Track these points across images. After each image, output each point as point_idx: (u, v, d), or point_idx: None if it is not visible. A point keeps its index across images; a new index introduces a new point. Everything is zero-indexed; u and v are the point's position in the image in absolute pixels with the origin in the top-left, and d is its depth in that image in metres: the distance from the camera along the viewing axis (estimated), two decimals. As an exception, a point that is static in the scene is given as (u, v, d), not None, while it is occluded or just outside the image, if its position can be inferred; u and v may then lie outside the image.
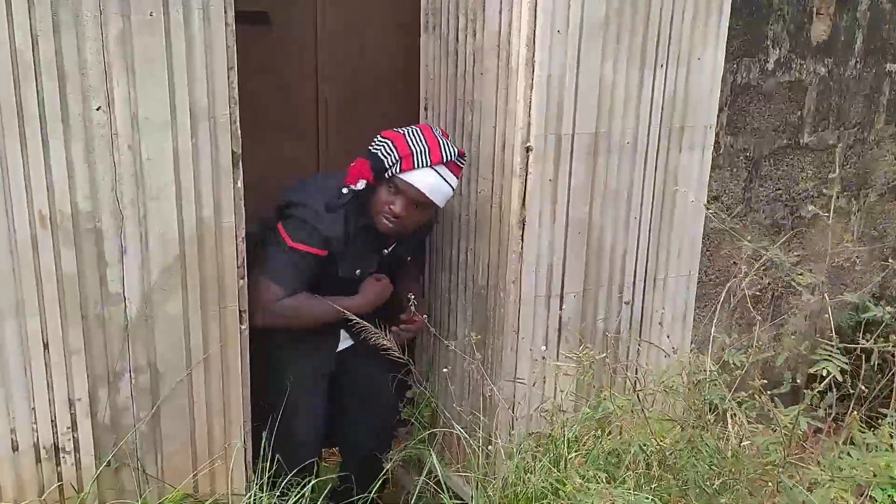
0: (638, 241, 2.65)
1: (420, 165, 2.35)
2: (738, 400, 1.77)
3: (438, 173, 2.38)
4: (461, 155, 2.42)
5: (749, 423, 1.98)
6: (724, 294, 2.41)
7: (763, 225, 3.44)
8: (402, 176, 2.36)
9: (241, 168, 2.17)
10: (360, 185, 2.38)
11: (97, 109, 1.94)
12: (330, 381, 2.68)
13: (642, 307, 2.74)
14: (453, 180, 2.41)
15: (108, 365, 2.11)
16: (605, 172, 2.50)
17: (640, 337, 2.76)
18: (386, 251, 2.60)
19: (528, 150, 2.38)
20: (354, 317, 2.32)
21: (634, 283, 2.69)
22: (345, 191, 2.39)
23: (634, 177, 2.57)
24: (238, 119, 2.13)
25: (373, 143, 2.42)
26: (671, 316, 2.80)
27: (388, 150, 2.36)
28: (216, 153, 2.10)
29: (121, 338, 2.10)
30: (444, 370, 2.72)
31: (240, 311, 2.25)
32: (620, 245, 2.62)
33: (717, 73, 2.61)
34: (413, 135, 2.39)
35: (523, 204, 2.43)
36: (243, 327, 2.27)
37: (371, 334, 2.22)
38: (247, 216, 2.24)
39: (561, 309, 2.58)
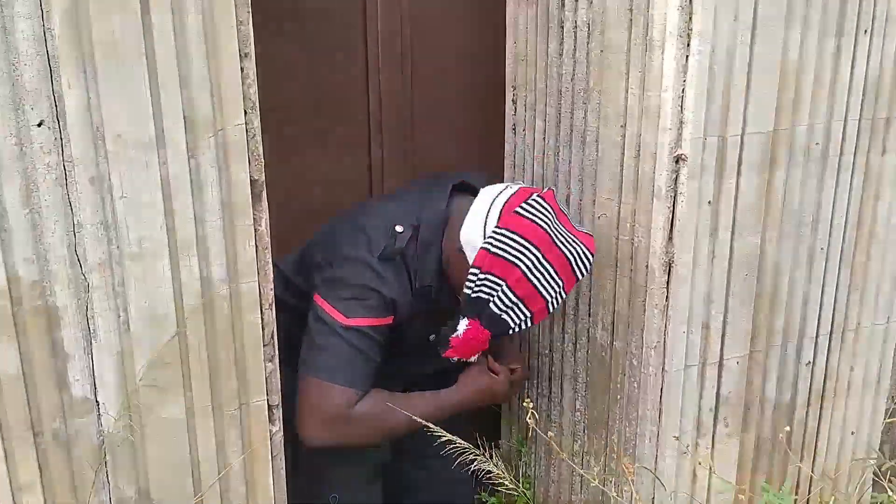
0: (824, 280, 1.88)
1: (555, 308, 1.65)
2: None
3: None
4: (592, 254, 1.68)
5: None
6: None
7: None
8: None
9: (265, 203, 1.47)
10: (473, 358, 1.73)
11: (39, 126, 1.25)
12: (386, 471, 1.98)
13: (826, 370, 1.98)
14: None
15: (77, 502, 1.43)
16: (783, 188, 1.75)
17: (820, 409, 2.00)
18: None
19: (678, 160, 1.64)
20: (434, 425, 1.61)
21: (817, 338, 1.93)
22: (399, 229, 1.68)
23: (823, 192, 1.80)
24: (259, 131, 1.43)
25: (475, 286, 1.62)
26: (861, 380, 2.03)
27: (510, 304, 1.61)
28: (227, 183, 1.40)
29: (94, 461, 1.42)
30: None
31: (269, 407, 1.56)
32: (801, 287, 1.86)
33: (935, 40, 1.83)
34: (538, 269, 1.61)
35: (670, 238, 1.69)
36: (275, 430, 1.58)
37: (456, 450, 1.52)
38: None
39: (719, 381, 1.83)
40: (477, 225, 1.63)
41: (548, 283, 1.61)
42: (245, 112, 1.39)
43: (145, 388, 1.43)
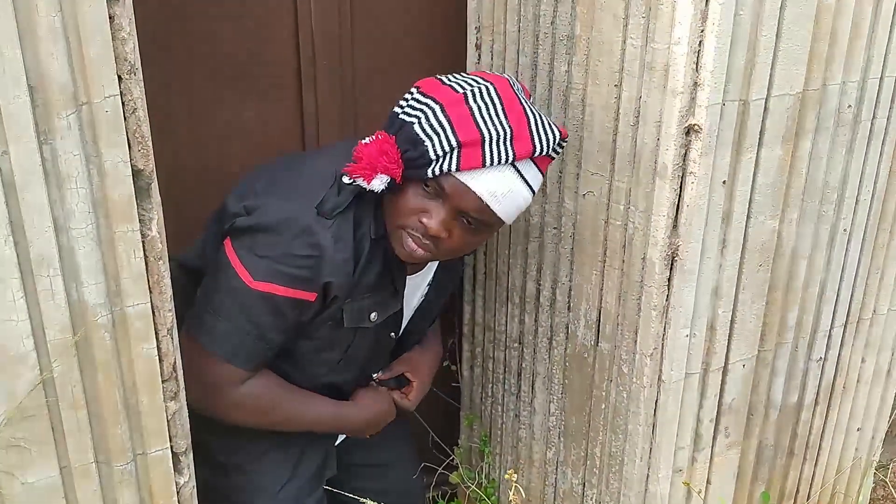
0: (844, 265, 1.60)
1: (494, 162, 1.27)
2: None
3: (520, 174, 1.31)
4: (562, 139, 1.35)
5: None
6: None
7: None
8: (457, 175, 1.27)
9: (156, 198, 1.10)
10: (377, 183, 1.28)
11: None
12: (331, 486, 1.67)
13: (837, 363, 1.72)
14: (537, 182, 1.35)
15: None
16: (808, 160, 1.44)
17: (828, 407, 1.75)
18: (428, 285, 1.55)
19: (689, 131, 1.30)
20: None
21: (832, 329, 1.66)
22: (347, 180, 1.32)
23: (850, 164, 1.50)
24: (143, 103, 1.04)
25: (405, 105, 1.32)
26: (871, 372, 1.79)
27: (436, 127, 1.27)
28: (99, 176, 1.02)
29: (-66, 550, 1.07)
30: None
31: (174, 455, 1.21)
32: (818, 274, 1.57)
33: None
34: (483, 99, 1.29)
35: (675, 226, 1.37)
36: (184, 481, 1.24)
37: None
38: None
39: (722, 388, 1.55)
40: None
41: (490, 116, 1.28)
42: (120, 78, 1.00)
43: (3, 449, 1.07)
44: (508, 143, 1.27)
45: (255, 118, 1.80)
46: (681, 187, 1.34)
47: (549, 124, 1.33)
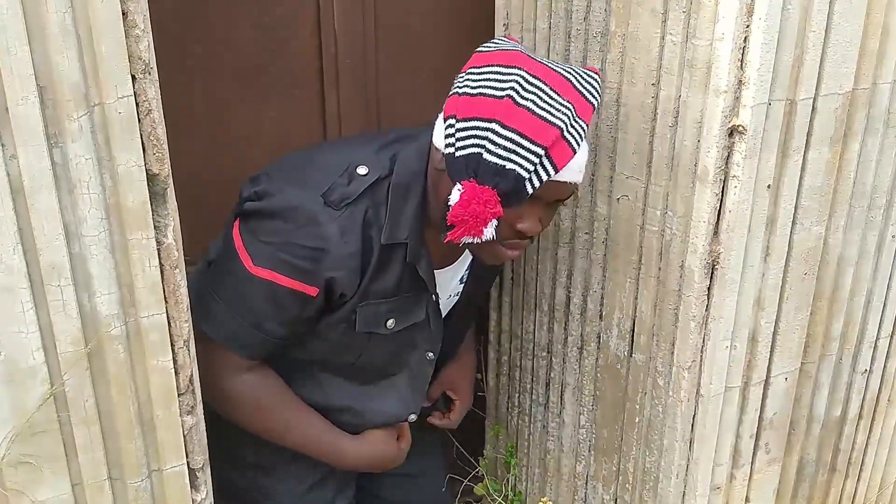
0: (891, 273, 1.52)
1: (579, 143, 1.18)
2: None
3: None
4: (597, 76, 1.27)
5: None
6: None
7: None
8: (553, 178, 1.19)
9: (172, 204, 1.04)
10: (489, 232, 1.17)
11: None
12: (357, 494, 1.62)
13: (882, 375, 1.64)
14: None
15: None
16: (856, 163, 1.36)
17: (871, 421, 1.68)
18: (461, 282, 1.49)
19: (732, 132, 1.23)
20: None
21: (878, 340, 1.58)
22: (362, 170, 1.25)
23: (901, 166, 1.43)
24: (158, 104, 0.99)
25: (452, 140, 1.18)
26: (919, 383, 1.70)
27: (510, 145, 1.14)
28: (112, 180, 0.97)
29: (-59, 571, 1.03)
30: None
31: (191, 471, 1.16)
32: (865, 283, 1.49)
33: None
34: (528, 91, 1.16)
35: (716, 232, 1.30)
36: (201, 498, 1.19)
37: None
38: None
39: (763, 403, 1.48)
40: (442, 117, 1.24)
41: (549, 104, 1.16)
42: (134, 78, 0.95)
43: (12, 466, 1.03)
44: (577, 117, 1.18)
45: (277, 118, 1.75)
46: (722, 192, 1.27)
47: (582, 73, 1.24)
